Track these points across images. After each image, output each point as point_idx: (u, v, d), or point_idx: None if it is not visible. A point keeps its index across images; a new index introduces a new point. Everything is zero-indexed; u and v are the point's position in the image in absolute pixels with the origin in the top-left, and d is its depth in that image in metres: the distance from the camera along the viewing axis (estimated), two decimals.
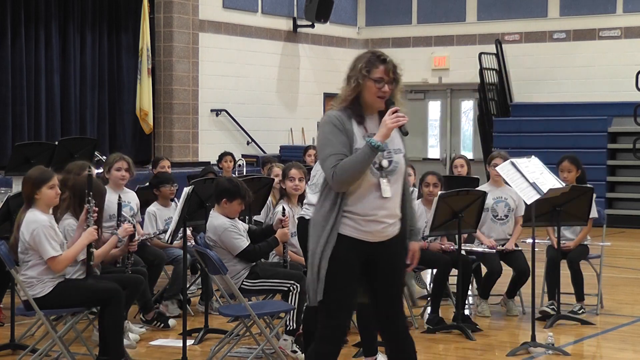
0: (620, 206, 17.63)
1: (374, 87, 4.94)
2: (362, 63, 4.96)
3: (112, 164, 8.43)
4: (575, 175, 8.96)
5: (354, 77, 4.96)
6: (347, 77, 5.01)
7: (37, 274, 6.50)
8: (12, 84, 14.93)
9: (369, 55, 5.01)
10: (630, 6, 18.32)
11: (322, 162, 4.94)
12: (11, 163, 11.05)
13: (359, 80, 4.94)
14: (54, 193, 6.62)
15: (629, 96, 17.38)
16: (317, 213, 5.04)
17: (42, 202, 6.59)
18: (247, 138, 18.05)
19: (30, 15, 15.18)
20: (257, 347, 6.92)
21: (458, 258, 8.11)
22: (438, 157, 20.58)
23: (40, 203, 6.58)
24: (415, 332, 8.22)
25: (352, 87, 4.97)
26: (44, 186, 6.59)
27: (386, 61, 4.97)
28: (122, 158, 8.49)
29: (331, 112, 4.99)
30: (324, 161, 4.92)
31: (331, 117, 4.96)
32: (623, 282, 11.18)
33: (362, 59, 4.99)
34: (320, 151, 4.98)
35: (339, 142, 4.89)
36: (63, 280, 6.59)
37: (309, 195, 6.52)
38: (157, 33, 16.81)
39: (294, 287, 7.11)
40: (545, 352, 7.45)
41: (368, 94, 4.96)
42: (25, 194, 6.64)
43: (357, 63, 4.99)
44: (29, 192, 6.59)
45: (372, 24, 20.68)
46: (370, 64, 4.95)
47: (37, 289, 6.50)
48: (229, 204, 7.34)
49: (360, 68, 4.94)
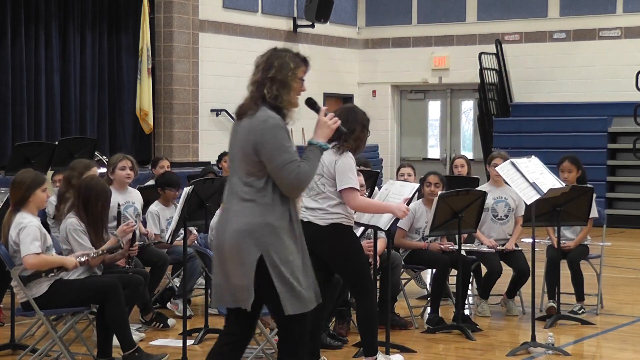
0: (620, 206, 17.63)
1: (299, 87, 4.98)
2: (291, 64, 4.93)
3: (116, 163, 8.42)
4: (575, 175, 8.97)
5: (287, 78, 4.92)
6: (275, 79, 4.91)
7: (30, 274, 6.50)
8: (12, 84, 14.92)
9: (291, 54, 4.98)
10: (630, 6, 18.31)
11: (280, 168, 4.83)
12: (11, 163, 11.04)
13: (289, 80, 4.92)
14: (45, 196, 6.66)
15: (629, 96, 17.38)
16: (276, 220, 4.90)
17: (33, 205, 6.61)
18: None
19: (30, 15, 15.17)
20: (257, 347, 6.92)
21: (458, 258, 8.11)
22: (438, 157, 20.58)
23: (31, 206, 6.60)
24: (415, 332, 8.22)
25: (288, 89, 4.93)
26: (38, 189, 6.61)
27: (307, 61, 5.02)
28: (126, 157, 8.49)
29: (272, 114, 4.89)
30: (282, 168, 4.83)
31: (279, 121, 4.88)
32: (623, 282, 11.18)
33: (287, 59, 4.95)
34: (276, 157, 4.83)
35: (292, 147, 4.89)
36: (59, 279, 6.58)
37: (305, 199, 6.51)
38: (157, 33, 16.80)
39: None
40: (545, 352, 7.45)
41: (294, 94, 4.96)
42: (17, 196, 6.62)
43: (282, 63, 4.93)
44: (22, 194, 6.58)
45: (372, 24, 20.68)
46: (297, 64, 4.96)
47: (33, 290, 6.50)
48: None
49: (291, 69, 4.92)
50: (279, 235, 4.88)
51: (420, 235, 8.60)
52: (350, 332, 7.94)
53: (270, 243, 4.86)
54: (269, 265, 4.85)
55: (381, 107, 20.74)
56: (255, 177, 4.90)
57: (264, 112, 4.89)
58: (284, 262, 4.87)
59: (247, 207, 4.88)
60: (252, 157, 4.89)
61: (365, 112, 6.67)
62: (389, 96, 20.77)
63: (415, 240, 8.59)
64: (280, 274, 4.87)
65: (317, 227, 6.38)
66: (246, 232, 4.85)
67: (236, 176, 4.99)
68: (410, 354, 7.41)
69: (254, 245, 4.85)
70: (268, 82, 4.91)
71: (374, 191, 8.46)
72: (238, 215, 4.88)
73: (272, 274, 4.85)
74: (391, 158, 20.55)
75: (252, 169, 4.91)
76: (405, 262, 8.50)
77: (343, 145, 6.40)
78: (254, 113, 4.91)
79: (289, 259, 4.90)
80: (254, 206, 4.87)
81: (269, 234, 4.86)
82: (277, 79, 4.91)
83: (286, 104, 4.94)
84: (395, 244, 8.34)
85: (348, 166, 6.37)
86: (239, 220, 4.87)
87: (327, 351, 7.23)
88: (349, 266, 6.49)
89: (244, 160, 4.95)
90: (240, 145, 4.97)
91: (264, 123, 4.87)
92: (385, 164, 19.97)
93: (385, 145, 20.44)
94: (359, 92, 20.84)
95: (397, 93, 20.94)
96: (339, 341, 7.59)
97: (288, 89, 4.93)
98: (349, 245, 6.47)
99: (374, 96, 20.77)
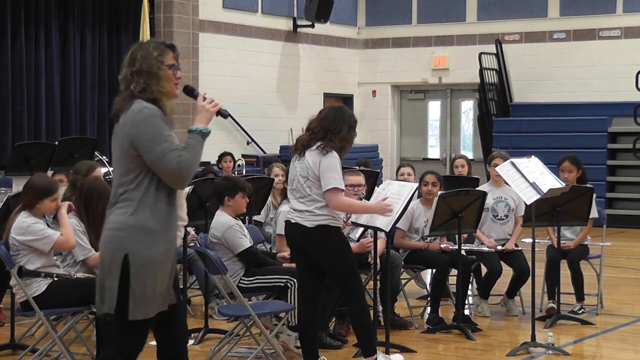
0: (620, 206, 17.63)
1: (170, 75, 4.77)
2: (154, 52, 4.72)
3: None
4: (575, 175, 8.97)
5: (153, 67, 4.71)
6: (141, 72, 4.71)
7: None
8: (12, 84, 14.92)
9: (154, 43, 4.77)
10: (630, 6, 18.31)
11: (159, 158, 4.57)
12: (11, 163, 11.06)
13: (155, 70, 4.71)
14: (54, 205, 6.66)
15: (629, 96, 17.37)
16: (148, 219, 4.64)
17: (39, 212, 6.63)
18: (247, 138, 18.05)
19: (30, 15, 15.17)
20: (257, 347, 6.92)
21: (458, 258, 8.11)
22: (438, 157, 20.57)
23: (37, 212, 6.62)
24: (415, 332, 8.23)
25: (157, 78, 4.71)
26: (47, 199, 6.62)
27: (174, 47, 4.82)
28: None
29: (147, 105, 4.67)
30: (161, 158, 4.57)
31: (154, 110, 4.66)
32: (623, 282, 11.18)
33: (151, 48, 4.74)
34: (155, 147, 4.58)
35: (171, 136, 4.65)
36: (57, 278, 6.58)
37: (292, 201, 6.51)
38: (157, 33, 16.79)
39: (291, 283, 7.11)
40: (545, 352, 7.45)
41: (165, 83, 4.75)
42: (26, 199, 6.65)
43: (146, 53, 4.72)
44: (31, 199, 6.60)
45: (372, 24, 20.67)
46: (161, 51, 4.74)
47: (33, 288, 6.50)
48: (232, 200, 7.40)
49: (155, 57, 4.71)
50: (149, 235, 4.64)
51: (419, 235, 8.60)
52: (350, 332, 7.94)
53: (137, 242, 4.61)
54: (132, 265, 4.60)
55: (381, 107, 20.74)
56: (132, 173, 4.67)
57: (138, 104, 4.68)
58: (149, 263, 4.63)
59: (121, 205, 4.67)
60: (130, 152, 4.65)
61: (353, 114, 6.64)
62: (389, 96, 20.77)
63: (415, 240, 8.59)
64: (140, 276, 4.62)
65: (304, 228, 6.38)
66: (114, 230, 4.65)
67: (116, 174, 4.76)
68: (410, 354, 7.41)
69: (120, 244, 4.62)
70: (135, 76, 4.73)
71: (374, 191, 8.46)
72: (112, 214, 4.69)
73: (132, 275, 4.60)
74: (391, 158, 20.55)
75: (130, 164, 4.67)
76: (405, 262, 8.50)
77: (328, 145, 6.37)
78: (127, 107, 4.70)
79: (156, 259, 4.65)
80: (127, 204, 4.65)
81: (138, 233, 4.62)
82: (143, 71, 4.72)
83: (158, 94, 4.72)
84: (394, 245, 8.33)
85: (332, 166, 6.33)
86: (111, 219, 4.68)
87: (327, 351, 7.23)
88: (339, 266, 6.47)
89: (122, 158, 4.70)
90: (118, 142, 4.71)
91: (138, 114, 4.65)
92: (385, 164, 19.96)
93: (385, 145, 20.43)
94: (359, 92, 20.84)
95: (397, 93, 20.94)
96: (339, 341, 7.59)
97: (157, 79, 4.72)
98: (337, 246, 6.45)
99: (374, 96, 20.77)
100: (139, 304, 4.64)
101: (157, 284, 4.67)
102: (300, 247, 6.50)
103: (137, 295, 4.62)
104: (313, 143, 6.41)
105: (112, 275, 4.63)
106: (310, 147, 6.40)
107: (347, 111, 6.55)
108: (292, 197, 6.50)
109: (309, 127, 6.50)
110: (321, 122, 6.45)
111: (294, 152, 6.52)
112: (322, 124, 6.43)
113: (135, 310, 4.64)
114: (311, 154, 6.38)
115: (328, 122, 6.42)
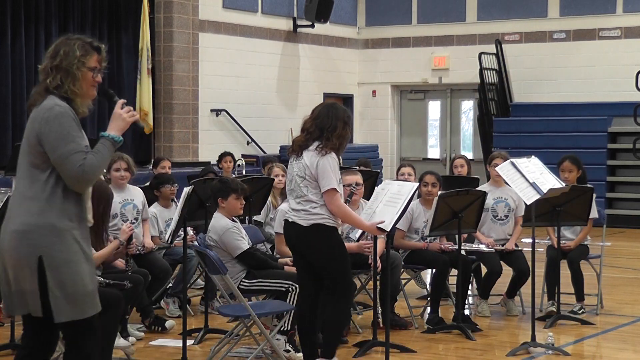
0: (620, 206, 17.63)
1: (89, 77, 4.65)
2: (78, 51, 4.60)
3: (111, 164, 8.37)
4: (576, 175, 8.97)
5: (72, 67, 4.59)
6: (60, 67, 4.57)
7: None
8: (12, 84, 14.93)
9: (81, 42, 4.65)
10: (630, 6, 18.31)
11: (64, 158, 4.46)
12: (11, 163, 11.03)
13: (74, 69, 4.59)
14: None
15: (629, 96, 17.37)
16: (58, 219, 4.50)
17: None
18: (247, 138, 18.05)
19: (30, 15, 15.17)
20: (257, 347, 6.92)
21: (458, 258, 8.11)
22: (438, 157, 20.57)
23: None
24: (415, 332, 8.22)
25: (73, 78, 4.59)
26: None
27: (100, 49, 4.72)
28: (121, 158, 8.44)
29: (59, 102, 4.55)
30: (66, 158, 4.46)
31: (66, 109, 4.53)
32: (623, 282, 11.18)
33: (76, 46, 4.62)
34: (61, 146, 4.47)
35: (80, 137, 4.53)
36: None
37: (290, 200, 6.51)
38: (157, 33, 16.80)
39: (292, 288, 7.11)
40: (545, 352, 7.45)
41: (81, 84, 4.62)
42: None
43: (69, 50, 4.60)
44: None
45: (372, 24, 20.67)
46: (85, 52, 4.64)
47: None
48: (225, 201, 7.44)
49: (77, 57, 4.59)
50: (60, 235, 4.49)
51: (419, 235, 8.59)
52: (350, 332, 7.94)
53: (50, 243, 4.47)
54: (47, 267, 4.45)
55: (381, 107, 20.75)
56: (38, 170, 4.54)
57: (51, 100, 4.56)
58: (65, 263, 4.48)
59: (27, 205, 4.52)
60: (37, 148, 4.54)
61: (346, 109, 6.61)
62: (389, 96, 20.77)
63: (415, 241, 8.59)
64: (58, 277, 4.47)
65: (300, 227, 6.37)
66: (23, 232, 4.48)
67: (20, 170, 4.64)
68: (410, 354, 7.41)
69: (31, 246, 4.46)
70: (53, 70, 4.59)
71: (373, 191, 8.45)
72: (17, 215, 4.53)
73: (49, 276, 4.45)
74: (391, 158, 20.55)
75: (35, 160, 4.55)
76: (405, 262, 8.50)
77: (326, 145, 6.35)
78: (40, 102, 4.58)
79: (72, 259, 4.50)
80: (34, 203, 4.51)
81: (48, 234, 4.47)
82: (62, 67, 4.59)
83: (72, 94, 4.61)
84: (394, 245, 8.33)
85: (330, 166, 6.31)
86: (17, 220, 4.52)
87: None
88: (332, 265, 6.41)
89: (28, 152, 4.58)
90: (26, 135, 4.60)
91: (49, 111, 4.53)
92: (385, 164, 19.97)
93: (385, 145, 20.44)
94: (359, 92, 20.84)
95: (397, 93, 20.94)
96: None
97: (74, 78, 4.60)
98: (331, 245, 6.40)
99: (374, 96, 20.78)
100: (61, 306, 4.48)
101: (79, 285, 4.51)
102: (295, 246, 6.50)
103: (57, 298, 4.47)
104: (310, 143, 6.40)
105: (29, 279, 4.47)
106: (308, 147, 6.40)
107: (339, 107, 6.52)
108: (289, 196, 6.51)
109: (304, 128, 6.49)
110: (315, 121, 6.43)
111: (291, 153, 6.52)
112: (316, 123, 6.41)
113: (59, 312, 4.49)
114: (309, 154, 6.37)
115: (322, 120, 6.40)
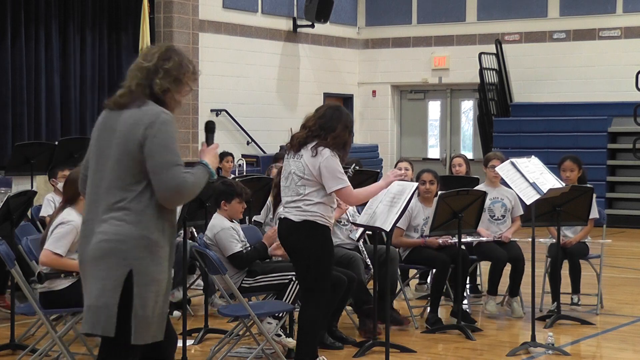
0: (620, 206, 17.63)
1: (187, 92, 4.47)
2: (190, 66, 4.43)
3: None
4: (577, 175, 8.97)
5: (183, 76, 4.41)
6: (171, 73, 4.35)
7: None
8: (12, 84, 14.93)
9: (189, 59, 4.48)
10: (630, 6, 18.31)
11: (165, 168, 4.19)
12: (11, 163, 11.07)
13: (184, 80, 4.42)
14: None
15: (629, 96, 17.38)
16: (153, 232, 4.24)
17: (82, 204, 6.61)
18: (247, 138, 18.05)
19: (30, 15, 15.18)
20: (257, 347, 6.92)
21: (458, 254, 8.09)
22: (438, 157, 20.57)
23: (81, 204, 6.59)
24: (415, 332, 8.22)
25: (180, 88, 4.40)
26: None
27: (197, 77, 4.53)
28: None
29: (166, 110, 4.31)
30: (167, 168, 4.19)
31: (173, 119, 4.29)
32: (623, 282, 11.18)
33: (187, 61, 4.43)
34: (163, 155, 4.21)
35: (179, 152, 4.31)
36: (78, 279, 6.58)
37: (285, 197, 6.49)
38: (157, 33, 16.79)
39: (295, 278, 7.06)
40: (545, 352, 7.45)
41: (181, 98, 4.44)
42: (69, 194, 6.65)
43: (181, 61, 4.40)
44: (74, 192, 6.57)
45: (372, 24, 20.67)
46: (194, 72, 4.47)
47: (56, 282, 6.51)
48: (228, 205, 7.43)
49: (189, 71, 4.43)
50: (154, 251, 4.24)
51: (418, 232, 8.59)
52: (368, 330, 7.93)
53: (142, 258, 4.20)
54: (136, 284, 4.19)
55: (381, 107, 20.75)
56: (133, 180, 4.24)
57: (155, 107, 4.28)
58: (153, 282, 4.23)
59: (119, 215, 4.23)
60: (134, 155, 4.23)
61: (350, 114, 6.62)
62: (389, 96, 20.77)
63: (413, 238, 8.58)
64: (143, 297, 4.22)
65: (290, 221, 6.33)
66: (116, 242, 4.20)
67: (106, 180, 4.30)
68: (410, 354, 7.41)
69: (123, 258, 4.19)
70: (162, 72, 4.33)
71: None
72: (107, 225, 4.23)
73: (136, 294, 4.20)
74: (391, 158, 20.53)
75: (133, 169, 4.25)
76: (405, 262, 8.50)
77: (320, 143, 6.31)
78: (141, 105, 4.28)
79: (158, 278, 4.25)
80: (126, 214, 4.22)
81: (142, 247, 4.21)
82: (172, 74, 4.34)
83: (173, 103, 4.38)
84: (393, 243, 8.32)
85: (335, 165, 6.30)
86: (108, 230, 4.22)
87: (327, 351, 7.22)
88: (315, 264, 6.31)
89: (121, 160, 4.27)
90: (121, 141, 4.27)
91: (157, 116, 4.25)
92: (385, 164, 19.96)
93: (385, 145, 20.44)
94: (359, 92, 20.84)
95: (397, 93, 20.94)
96: (340, 342, 7.57)
97: (180, 88, 4.38)
98: (319, 244, 6.32)
99: (374, 96, 20.78)
100: (140, 328, 4.23)
101: (158, 307, 4.28)
102: (284, 241, 6.46)
103: (139, 317, 4.22)
104: (310, 141, 6.40)
105: (110, 293, 4.20)
106: (307, 145, 6.40)
107: (344, 111, 6.54)
108: (284, 192, 6.47)
109: (305, 125, 6.49)
110: (318, 120, 6.43)
111: (289, 149, 6.51)
112: (319, 122, 6.41)
113: (138, 334, 4.23)
114: (308, 153, 6.37)
115: (325, 120, 6.41)
